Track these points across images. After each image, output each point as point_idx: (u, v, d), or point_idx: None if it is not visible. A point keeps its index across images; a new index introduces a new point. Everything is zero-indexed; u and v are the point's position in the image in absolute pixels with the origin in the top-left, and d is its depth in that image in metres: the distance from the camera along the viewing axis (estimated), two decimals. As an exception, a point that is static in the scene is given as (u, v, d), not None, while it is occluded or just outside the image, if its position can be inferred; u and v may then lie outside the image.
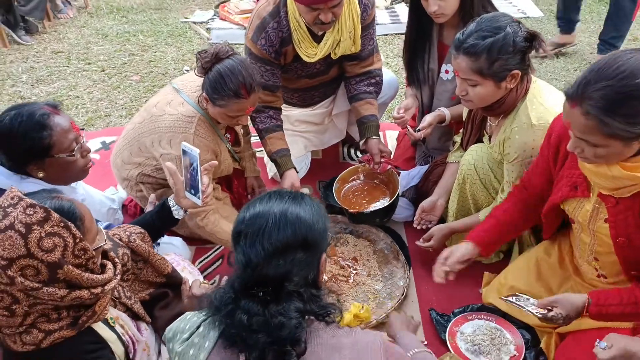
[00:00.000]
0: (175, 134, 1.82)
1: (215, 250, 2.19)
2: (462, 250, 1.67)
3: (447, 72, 2.09)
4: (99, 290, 1.19)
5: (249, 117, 1.92)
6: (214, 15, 4.76)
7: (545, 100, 1.65)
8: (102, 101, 3.42)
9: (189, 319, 1.08)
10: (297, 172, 2.19)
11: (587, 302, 1.36)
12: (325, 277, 1.19)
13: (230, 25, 4.50)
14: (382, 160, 2.13)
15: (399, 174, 2.24)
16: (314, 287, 1.04)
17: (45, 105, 1.53)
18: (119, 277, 1.30)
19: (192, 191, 1.57)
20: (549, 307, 1.42)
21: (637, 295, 1.32)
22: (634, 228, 1.31)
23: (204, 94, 1.79)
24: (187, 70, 3.78)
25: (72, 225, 1.12)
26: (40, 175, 1.55)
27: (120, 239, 1.47)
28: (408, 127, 2.13)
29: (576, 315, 1.38)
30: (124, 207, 2.38)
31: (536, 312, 1.45)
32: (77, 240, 1.12)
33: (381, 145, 2.16)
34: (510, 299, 1.59)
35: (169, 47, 4.20)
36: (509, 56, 1.55)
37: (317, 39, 2.06)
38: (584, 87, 1.16)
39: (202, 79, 1.78)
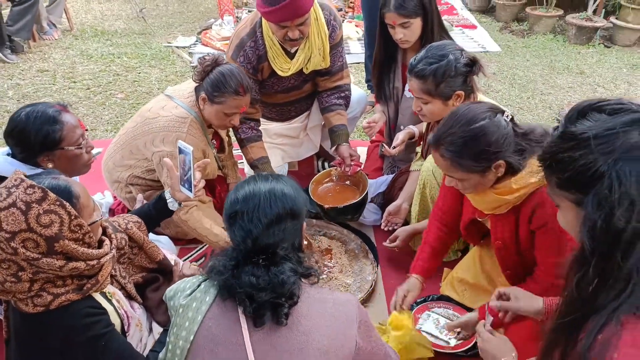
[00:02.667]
0: (168, 132, 2.01)
1: (198, 250, 2.35)
2: (415, 288, 1.82)
3: (410, 90, 2.36)
4: (94, 262, 1.32)
5: (238, 120, 2.12)
6: (196, 41, 5.01)
7: None
8: (87, 116, 3.58)
9: (188, 281, 1.25)
10: None
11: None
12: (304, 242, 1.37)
13: (212, 50, 4.74)
14: (352, 163, 2.39)
15: (367, 175, 2.50)
16: (299, 250, 1.23)
17: (56, 104, 1.71)
18: (114, 251, 1.42)
19: (186, 185, 1.73)
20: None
21: (532, 287, 1.54)
22: (508, 234, 1.63)
23: (203, 94, 2.00)
24: (170, 90, 3.98)
25: (68, 204, 1.25)
26: (50, 165, 1.69)
27: (118, 225, 1.64)
28: (383, 144, 2.38)
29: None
30: (111, 211, 2.53)
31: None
32: (73, 217, 1.24)
33: (351, 150, 2.42)
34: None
35: (152, 68, 4.41)
36: (451, 79, 1.81)
37: (290, 55, 2.31)
38: (437, 137, 1.50)
39: (195, 86, 1.99)
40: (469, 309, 1.99)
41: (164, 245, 2.15)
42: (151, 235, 2.17)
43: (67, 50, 4.72)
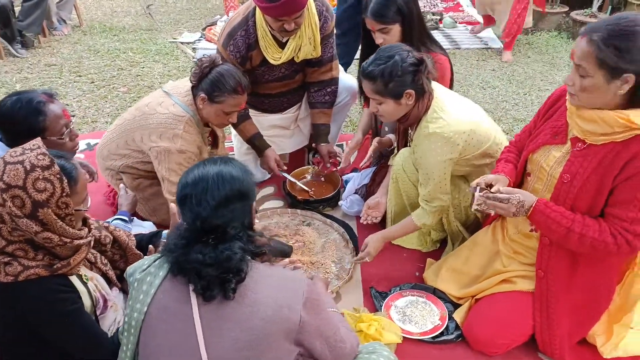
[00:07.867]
0: (165, 129, 2.10)
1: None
2: (503, 182, 1.71)
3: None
4: (68, 240, 1.39)
5: (236, 117, 2.22)
6: (201, 36, 5.10)
7: (445, 112, 1.90)
8: (89, 109, 3.70)
9: (146, 259, 1.33)
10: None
11: (536, 201, 1.60)
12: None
13: (215, 46, 4.81)
14: (331, 161, 2.55)
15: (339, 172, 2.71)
16: (250, 229, 1.29)
17: (42, 93, 1.77)
18: (90, 239, 1.49)
19: None
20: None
21: (576, 216, 1.57)
22: (583, 171, 1.56)
23: (202, 95, 2.08)
24: (171, 84, 4.08)
25: (65, 181, 1.34)
26: None
27: (106, 227, 1.72)
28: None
29: (525, 208, 1.60)
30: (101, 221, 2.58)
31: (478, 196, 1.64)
32: (64, 195, 1.34)
33: (329, 148, 2.57)
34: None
35: (156, 63, 4.51)
36: (399, 78, 1.82)
37: (282, 45, 2.38)
38: (594, 25, 1.46)
39: (192, 85, 2.08)
40: (443, 298, 2.04)
41: (146, 231, 2.22)
42: (135, 221, 2.27)
43: (75, 45, 4.86)
